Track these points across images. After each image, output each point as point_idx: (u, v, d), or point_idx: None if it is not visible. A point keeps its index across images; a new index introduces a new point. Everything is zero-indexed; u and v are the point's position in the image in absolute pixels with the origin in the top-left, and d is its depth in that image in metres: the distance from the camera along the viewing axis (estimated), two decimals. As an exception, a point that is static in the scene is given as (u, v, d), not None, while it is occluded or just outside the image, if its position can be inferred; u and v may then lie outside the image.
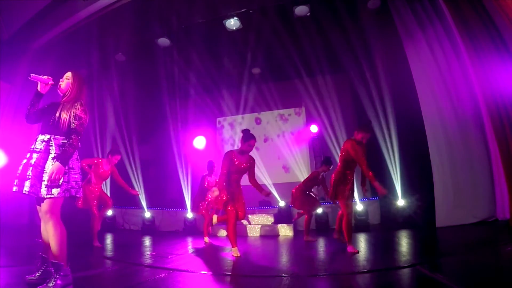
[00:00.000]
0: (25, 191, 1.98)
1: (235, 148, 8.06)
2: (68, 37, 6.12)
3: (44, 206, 2.04)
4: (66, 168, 2.10)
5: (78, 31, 5.96)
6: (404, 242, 4.03)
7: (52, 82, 2.19)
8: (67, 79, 2.27)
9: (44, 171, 2.04)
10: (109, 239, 5.43)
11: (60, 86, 2.25)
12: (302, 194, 4.77)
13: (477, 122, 4.85)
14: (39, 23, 5.86)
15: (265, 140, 8.35)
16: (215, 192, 3.59)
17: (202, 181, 5.11)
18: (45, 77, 2.16)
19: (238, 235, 5.93)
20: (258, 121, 8.54)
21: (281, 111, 8.35)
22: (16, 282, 2.23)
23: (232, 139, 8.53)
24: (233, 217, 3.50)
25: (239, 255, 3.51)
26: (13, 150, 5.47)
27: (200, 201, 4.97)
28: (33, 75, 2.11)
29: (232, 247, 3.59)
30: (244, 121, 8.54)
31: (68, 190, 2.08)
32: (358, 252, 3.36)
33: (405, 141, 5.82)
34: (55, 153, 2.08)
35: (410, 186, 5.58)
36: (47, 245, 2.13)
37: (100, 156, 7.17)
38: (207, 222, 4.89)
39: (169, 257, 3.55)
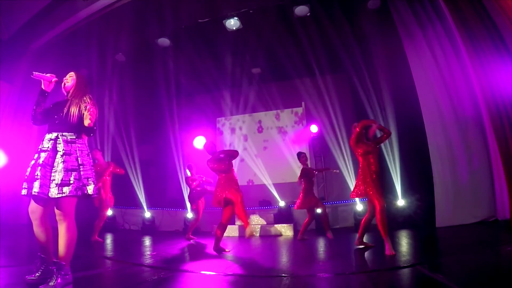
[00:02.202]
0: (35, 192, 1.90)
1: (236, 146, 8.04)
2: (68, 37, 6.11)
3: (58, 206, 1.98)
4: (77, 165, 2.05)
5: (78, 31, 5.96)
6: (404, 242, 4.03)
7: (56, 79, 2.17)
8: (71, 77, 2.28)
9: (53, 170, 1.97)
10: (109, 239, 5.43)
11: (65, 84, 2.25)
12: (305, 195, 4.88)
13: (477, 122, 4.85)
14: (39, 23, 5.86)
15: (265, 148, 8.33)
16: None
17: (189, 182, 5.29)
18: (48, 74, 2.14)
19: (238, 234, 5.97)
20: (258, 121, 8.54)
21: (281, 111, 8.33)
22: (16, 282, 2.23)
23: (232, 139, 8.53)
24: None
25: (253, 233, 3.57)
26: (13, 150, 5.47)
27: (195, 201, 5.20)
28: (36, 73, 2.08)
29: (246, 226, 3.57)
30: (244, 121, 8.53)
31: (80, 188, 2.00)
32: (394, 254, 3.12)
33: (405, 141, 5.82)
34: (63, 149, 2.02)
35: (410, 186, 5.58)
36: (43, 245, 2.11)
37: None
38: (198, 221, 5.26)
39: (169, 257, 3.55)
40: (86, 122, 2.09)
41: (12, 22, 5.76)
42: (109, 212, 7.13)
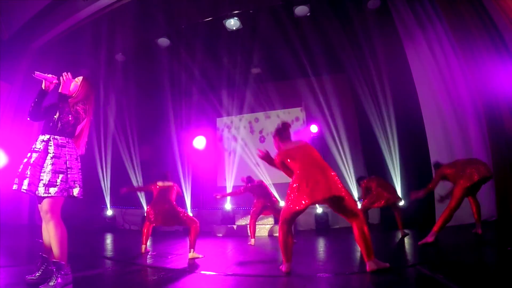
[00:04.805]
0: (23, 189, 2.00)
1: (235, 146, 8.05)
2: (68, 37, 6.12)
3: (45, 206, 2.04)
4: (65, 168, 2.10)
5: (78, 31, 5.96)
6: (404, 242, 4.03)
7: (57, 81, 2.19)
8: (75, 82, 2.28)
9: (42, 170, 2.04)
10: (109, 239, 5.43)
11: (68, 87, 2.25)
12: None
13: (477, 122, 4.86)
14: (39, 23, 5.86)
15: (263, 141, 8.34)
16: None
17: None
18: (49, 75, 2.15)
19: (238, 235, 5.98)
20: (258, 121, 8.54)
21: (281, 111, 8.33)
22: (16, 282, 2.23)
23: (232, 139, 8.53)
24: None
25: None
26: (13, 150, 5.47)
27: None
28: (38, 73, 2.10)
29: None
30: (244, 120, 8.54)
31: (66, 189, 2.08)
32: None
33: (405, 141, 5.82)
34: (53, 152, 2.08)
35: (410, 186, 5.58)
36: (46, 244, 2.14)
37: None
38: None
39: (169, 257, 3.55)
40: (59, 89, 2.16)
41: (12, 22, 5.76)
42: (109, 212, 7.17)
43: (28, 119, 2.21)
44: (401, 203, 4.66)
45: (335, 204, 2.49)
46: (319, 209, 6.15)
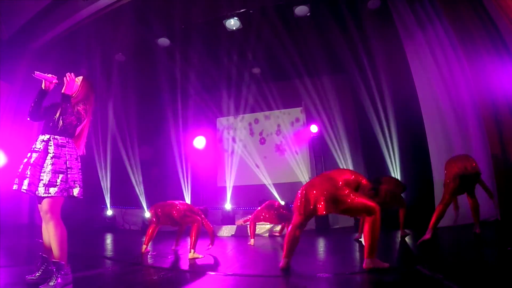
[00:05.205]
0: (23, 189, 2.00)
1: (235, 147, 8.05)
2: (68, 37, 6.12)
3: (44, 206, 2.04)
4: (65, 168, 2.10)
5: (79, 31, 5.96)
6: (404, 242, 4.03)
7: (57, 81, 2.18)
8: (75, 82, 2.28)
9: (42, 170, 2.04)
10: (109, 239, 5.43)
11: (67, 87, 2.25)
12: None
13: (477, 122, 4.86)
14: (39, 23, 5.86)
15: (263, 142, 8.32)
16: None
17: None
18: (49, 75, 2.15)
19: (238, 235, 5.97)
20: (258, 121, 8.54)
21: (281, 112, 8.33)
22: (16, 282, 2.23)
23: (232, 139, 8.53)
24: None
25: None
26: (13, 150, 5.47)
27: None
28: (38, 72, 2.10)
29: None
30: (244, 120, 8.54)
31: (66, 189, 2.09)
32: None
33: (405, 141, 5.82)
34: (53, 152, 2.08)
35: (410, 186, 5.58)
36: (46, 244, 2.14)
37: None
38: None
39: (169, 257, 3.55)
40: (63, 89, 2.16)
41: (12, 22, 5.76)
42: (109, 212, 7.17)
43: (28, 119, 2.21)
44: (401, 190, 4.45)
45: (341, 212, 2.59)
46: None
